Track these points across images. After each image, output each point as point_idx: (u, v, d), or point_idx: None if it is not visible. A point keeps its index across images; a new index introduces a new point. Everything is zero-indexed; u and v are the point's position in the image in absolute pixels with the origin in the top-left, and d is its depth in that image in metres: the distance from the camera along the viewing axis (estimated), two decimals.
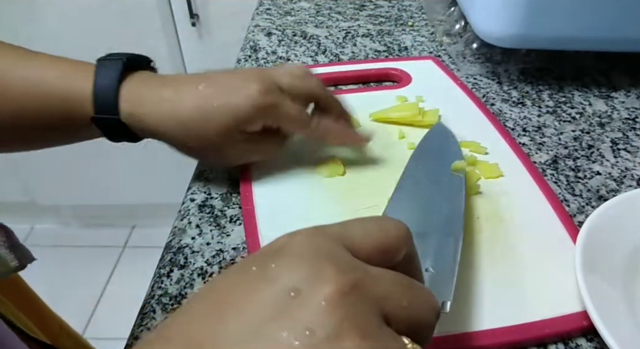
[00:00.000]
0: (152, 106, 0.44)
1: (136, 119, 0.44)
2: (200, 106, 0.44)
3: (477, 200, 0.48)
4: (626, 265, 0.41)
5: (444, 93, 0.63)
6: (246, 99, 0.43)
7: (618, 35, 0.61)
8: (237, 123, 0.44)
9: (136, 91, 0.45)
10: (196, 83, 0.45)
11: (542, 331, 0.37)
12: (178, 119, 0.44)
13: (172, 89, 0.45)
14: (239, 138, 0.45)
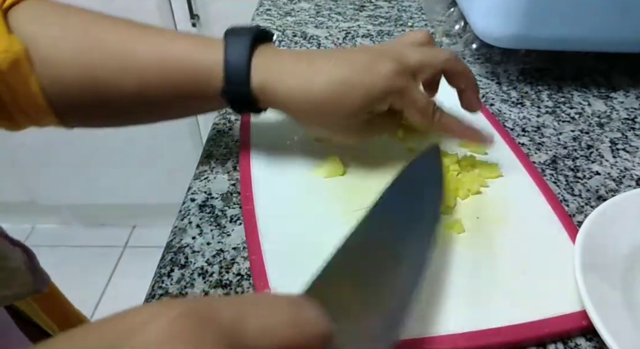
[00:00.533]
0: (284, 79, 0.44)
1: (267, 91, 0.44)
2: (333, 83, 0.43)
3: (476, 200, 0.48)
4: (625, 264, 0.41)
5: (443, 93, 0.63)
6: (380, 79, 0.43)
7: (618, 36, 0.61)
8: (369, 104, 0.44)
9: (268, 63, 0.45)
10: (329, 59, 0.45)
11: (541, 331, 0.37)
12: (310, 95, 0.44)
13: (306, 63, 0.44)
14: (363, 117, 0.45)
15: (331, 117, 0.45)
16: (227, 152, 0.56)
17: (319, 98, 0.44)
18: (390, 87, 0.43)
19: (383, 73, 0.43)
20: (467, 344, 0.36)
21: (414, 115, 0.46)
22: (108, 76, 0.44)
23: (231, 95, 0.45)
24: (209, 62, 0.45)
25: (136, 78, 0.45)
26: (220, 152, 0.56)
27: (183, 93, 0.46)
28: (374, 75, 0.43)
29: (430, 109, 0.46)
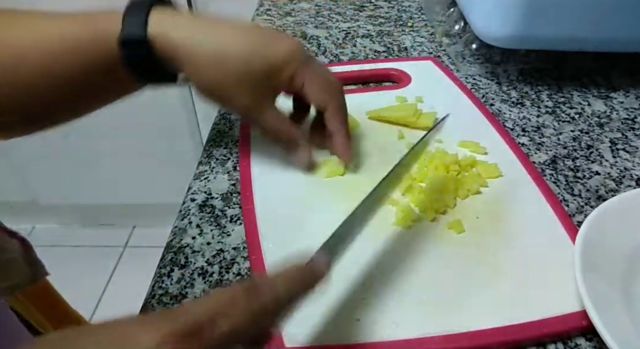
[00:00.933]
0: (184, 28, 0.44)
1: (164, 40, 0.43)
2: (237, 38, 0.44)
3: (476, 199, 0.48)
4: (625, 264, 0.41)
5: (443, 93, 0.63)
6: (286, 45, 0.45)
7: (617, 36, 0.61)
8: (267, 68, 0.45)
9: (169, 16, 0.44)
10: (233, 22, 0.46)
11: (541, 331, 0.37)
12: (209, 46, 0.44)
13: (209, 21, 0.45)
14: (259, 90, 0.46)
15: (228, 74, 0.45)
16: (227, 152, 0.56)
17: (221, 52, 0.44)
18: (293, 56, 0.45)
19: (286, 43, 0.46)
20: (468, 343, 0.36)
21: (313, 88, 0.47)
22: (21, 54, 0.43)
23: (129, 48, 0.43)
24: (109, 20, 0.43)
25: (43, 53, 0.43)
26: (220, 152, 0.56)
27: (87, 59, 0.44)
28: (277, 43, 0.45)
29: (334, 86, 0.48)
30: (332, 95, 0.48)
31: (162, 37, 0.43)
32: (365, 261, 0.42)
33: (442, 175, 0.49)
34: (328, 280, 0.31)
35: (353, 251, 0.42)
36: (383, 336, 0.36)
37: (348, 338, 0.36)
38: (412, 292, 0.39)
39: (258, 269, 0.41)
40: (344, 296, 0.39)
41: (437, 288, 0.40)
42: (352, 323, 0.37)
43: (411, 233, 0.45)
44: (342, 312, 0.38)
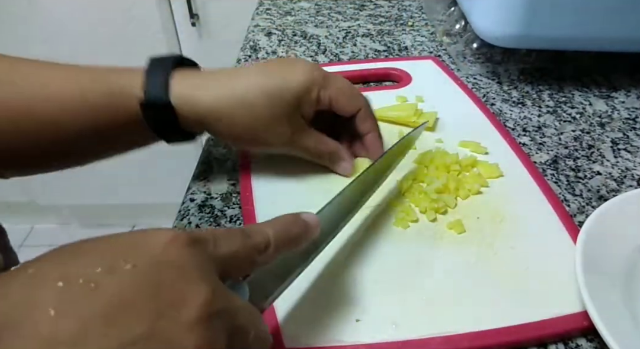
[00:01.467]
0: (204, 86, 0.44)
1: (188, 101, 0.43)
2: (259, 81, 0.45)
3: (477, 199, 0.48)
4: (626, 265, 0.41)
5: (444, 93, 0.63)
6: (300, 73, 0.46)
7: (618, 35, 0.61)
8: (297, 96, 0.45)
9: (189, 76, 0.44)
10: (247, 69, 0.46)
11: (542, 331, 0.37)
12: (232, 95, 0.44)
13: (226, 73, 0.45)
14: (294, 117, 0.46)
15: (259, 115, 0.45)
16: (227, 152, 0.56)
17: (246, 96, 0.44)
18: (314, 78, 0.46)
19: (302, 68, 0.46)
20: (469, 344, 0.36)
21: (341, 101, 0.48)
22: (25, 105, 0.42)
23: (151, 112, 0.43)
24: (128, 81, 0.43)
25: (54, 105, 0.42)
26: (220, 152, 0.56)
27: (102, 116, 0.43)
28: (295, 71, 0.46)
29: (356, 91, 0.49)
30: (359, 100, 0.49)
31: (184, 101, 0.43)
32: (365, 261, 0.42)
33: (442, 175, 0.49)
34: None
35: (353, 251, 0.43)
36: (383, 336, 0.36)
37: (347, 339, 0.36)
38: (412, 293, 0.39)
39: None
40: (343, 296, 0.39)
41: (437, 288, 0.40)
42: (352, 323, 0.37)
43: (411, 233, 0.44)
44: (341, 313, 0.38)
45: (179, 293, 0.23)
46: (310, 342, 0.36)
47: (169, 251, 0.24)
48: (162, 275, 0.23)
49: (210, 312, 0.23)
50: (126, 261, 0.22)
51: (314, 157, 0.49)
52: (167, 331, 0.21)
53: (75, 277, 0.21)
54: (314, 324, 0.37)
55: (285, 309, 0.38)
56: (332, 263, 0.42)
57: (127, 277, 0.22)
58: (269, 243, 0.29)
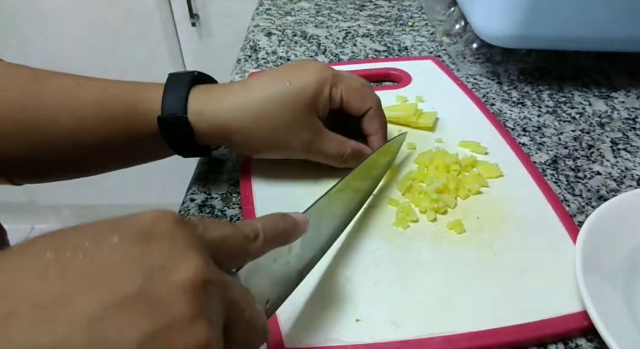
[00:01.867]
0: (220, 100, 0.45)
1: (205, 116, 0.44)
2: (271, 89, 0.45)
3: (477, 199, 0.48)
4: (626, 264, 0.41)
5: (444, 93, 0.63)
6: (312, 74, 0.46)
7: (618, 35, 0.61)
8: (310, 99, 0.45)
9: (205, 92, 0.45)
10: (258, 78, 0.47)
11: (542, 331, 0.37)
12: (252, 104, 0.45)
13: (240, 85, 0.46)
14: (310, 121, 0.46)
15: (278, 123, 0.45)
16: (227, 152, 0.56)
17: (262, 106, 0.45)
18: (324, 77, 0.46)
19: (312, 69, 0.46)
20: (468, 344, 0.36)
21: (354, 99, 0.48)
22: (45, 116, 0.43)
23: (168, 127, 0.44)
24: (146, 96, 0.44)
25: (73, 117, 0.43)
26: (220, 152, 0.56)
27: (119, 129, 0.44)
28: (305, 73, 0.46)
29: (368, 90, 0.49)
30: (370, 98, 0.49)
31: (201, 116, 0.44)
32: (365, 261, 0.42)
33: (442, 175, 0.49)
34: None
35: (353, 251, 0.43)
36: (383, 336, 0.36)
37: (347, 339, 0.36)
38: (412, 292, 0.39)
39: None
40: (343, 296, 0.39)
41: (437, 288, 0.40)
42: (352, 323, 0.37)
43: (411, 233, 0.44)
44: (341, 313, 0.38)
45: (169, 258, 0.22)
46: (311, 342, 0.36)
47: (157, 224, 0.23)
48: (150, 245, 0.22)
49: (205, 278, 0.22)
50: (114, 233, 0.22)
51: (336, 159, 0.49)
52: (157, 293, 0.20)
53: (63, 249, 0.21)
54: (314, 324, 0.37)
55: (286, 309, 0.38)
56: (332, 264, 0.42)
57: (116, 246, 0.21)
58: (257, 234, 0.29)
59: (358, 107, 0.48)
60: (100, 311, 0.19)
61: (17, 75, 0.44)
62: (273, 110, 0.45)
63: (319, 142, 0.47)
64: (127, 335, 0.19)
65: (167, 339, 0.20)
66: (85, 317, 0.19)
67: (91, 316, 0.19)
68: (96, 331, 0.19)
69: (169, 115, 0.44)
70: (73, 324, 0.19)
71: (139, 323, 0.19)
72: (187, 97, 0.44)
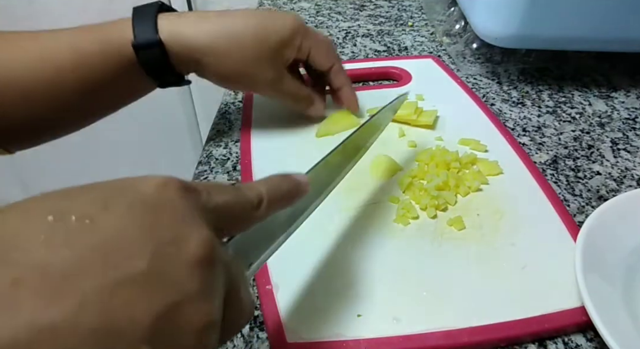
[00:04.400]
0: (194, 23, 0.47)
1: (177, 37, 0.46)
2: (246, 20, 0.48)
3: (477, 196, 0.48)
4: (626, 264, 0.41)
5: (444, 91, 0.63)
6: (288, 21, 0.50)
7: (618, 35, 0.61)
8: (282, 41, 0.49)
9: (176, 17, 0.48)
10: (237, 10, 0.50)
11: (541, 326, 0.37)
12: (223, 31, 0.47)
13: (215, 12, 0.49)
14: (278, 61, 0.50)
15: (247, 54, 0.48)
16: (227, 152, 0.56)
17: (237, 35, 0.48)
18: (297, 27, 0.50)
19: (287, 17, 0.50)
20: (468, 339, 0.36)
21: (321, 53, 0.53)
22: (23, 68, 0.44)
23: (143, 50, 0.46)
24: (117, 29, 0.46)
25: (50, 65, 0.44)
26: (220, 152, 0.56)
27: (97, 68, 0.46)
28: (281, 19, 0.50)
29: (332, 47, 0.54)
30: (334, 55, 0.55)
31: (174, 38, 0.46)
32: (367, 257, 0.42)
33: (442, 173, 0.49)
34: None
35: (354, 247, 0.43)
36: (384, 331, 0.36)
37: (349, 334, 0.36)
38: (413, 288, 0.39)
39: None
40: (345, 292, 0.39)
41: (437, 284, 0.40)
42: (354, 318, 0.37)
43: (412, 230, 0.45)
44: (343, 307, 0.38)
45: (178, 232, 0.21)
46: (312, 337, 0.36)
47: (162, 193, 0.22)
48: (158, 215, 0.21)
49: (212, 255, 0.22)
50: (120, 199, 0.21)
51: (293, 100, 0.55)
52: (168, 269, 0.20)
53: (67, 213, 0.19)
54: (315, 319, 0.37)
55: (288, 304, 0.38)
56: (334, 259, 0.42)
57: (124, 214, 0.20)
58: (262, 199, 0.28)
59: (322, 61, 0.53)
60: (112, 286, 0.18)
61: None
62: (246, 41, 0.48)
63: (281, 82, 0.52)
64: (139, 312, 0.18)
65: (178, 316, 0.20)
66: (97, 292, 0.18)
67: (102, 290, 0.18)
68: (107, 307, 0.18)
69: (142, 39, 0.46)
70: (84, 298, 0.17)
71: (151, 299, 0.19)
72: (155, 21, 0.46)
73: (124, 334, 0.18)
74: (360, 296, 0.39)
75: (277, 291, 0.39)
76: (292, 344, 0.35)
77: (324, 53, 0.53)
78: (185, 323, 0.20)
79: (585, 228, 0.42)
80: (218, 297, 0.22)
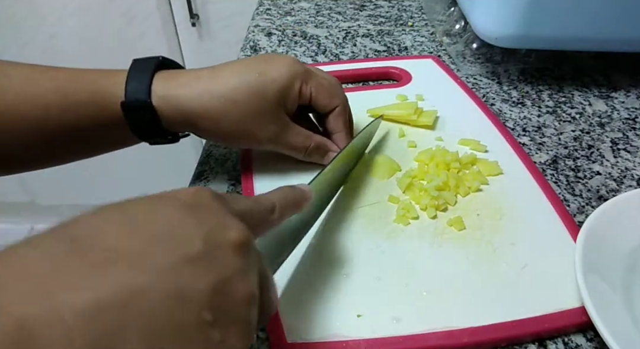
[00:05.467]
0: (187, 84, 0.44)
1: (170, 101, 0.43)
2: (240, 78, 0.45)
3: (477, 197, 0.48)
4: (626, 264, 0.41)
5: (444, 91, 0.63)
6: (283, 67, 0.46)
7: (618, 35, 0.61)
8: (279, 92, 0.45)
9: (171, 77, 0.45)
10: (228, 66, 0.46)
11: (541, 326, 0.37)
12: (218, 92, 0.44)
13: (208, 71, 0.46)
14: (277, 113, 0.46)
15: (245, 112, 0.45)
16: (227, 151, 0.56)
17: (231, 93, 0.44)
18: (296, 72, 0.46)
19: (284, 62, 0.47)
20: (468, 339, 0.36)
21: (322, 96, 0.48)
22: (9, 103, 0.42)
23: (132, 112, 0.44)
24: (110, 82, 0.44)
25: (36, 105, 0.43)
26: (220, 152, 0.56)
27: (85, 117, 0.44)
28: (276, 66, 0.46)
29: (336, 88, 0.49)
30: (338, 97, 0.49)
31: (167, 101, 0.44)
32: (366, 257, 0.42)
33: (442, 173, 0.49)
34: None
35: (354, 247, 0.43)
36: (384, 332, 0.36)
37: (349, 334, 0.36)
38: (413, 288, 0.39)
39: None
40: (344, 292, 0.39)
41: (438, 284, 0.40)
42: (353, 318, 0.37)
43: (412, 230, 0.45)
44: (343, 308, 0.38)
45: (220, 222, 0.26)
46: (312, 337, 0.36)
47: (199, 197, 0.27)
48: (201, 211, 0.26)
49: (249, 241, 0.26)
50: (167, 203, 0.26)
51: (300, 153, 0.49)
52: (217, 251, 0.24)
53: (122, 220, 0.24)
54: (315, 319, 0.37)
55: (288, 304, 0.38)
56: (334, 259, 0.42)
57: (173, 213, 0.25)
58: (274, 206, 0.32)
59: (325, 104, 0.48)
60: (178, 263, 0.23)
61: None
62: (241, 98, 0.44)
63: (285, 135, 0.48)
64: (200, 284, 0.23)
65: (229, 288, 0.24)
66: (168, 267, 0.22)
67: (172, 266, 0.22)
68: (177, 279, 0.22)
69: (132, 99, 0.43)
70: (160, 270, 0.22)
71: (208, 274, 0.23)
72: (150, 81, 0.44)
73: (190, 300, 0.22)
74: (359, 296, 0.39)
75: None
76: (292, 344, 0.36)
77: (326, 95, 0.48)
78: (234, 294, 0.24)
79: (585, 228, 0.42)
80: (255, 277, 0.26)
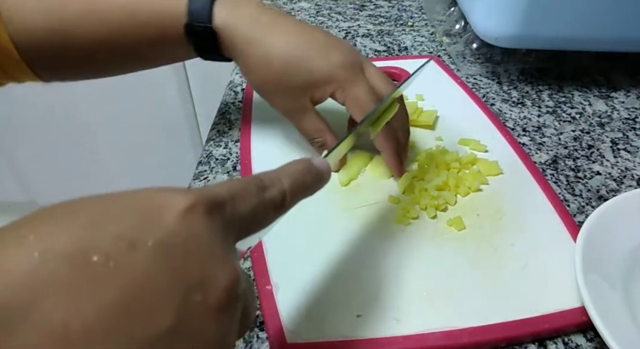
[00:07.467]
0: (245, 25, 0.46)
1: (226, 35, 0.46)
2: (288, 51, 0.46)
3: (477, 197, 0.48)
4: (626, 264, 0.41)
5: (444, 91, 0.63)
6: (327, 65, 0.46)
7: (618, 35, 0.61)
8: (308, 85, 0.47)
9: (232, 7, 0.47)
10: (292, 25, 0.48)
11: (541, 326, 0.37)
12: (263, 52, 0.46)
13: (269, 18, 0.47)
14: (301, 98, 0.48)
15: (273, 83, 0.47)
16: (227, 151, 0.56)
17: (269, 56, 0.46)
18: (333, 76, 0.46)
19: (332, 60, 0.46)
20: (468, 339, 0.36)
21: (353, 111, 0.47)
22: (74, 20, 0.45)
23: (194, 34, 0.46)
24: (173, 4, 0.46)
25: (103, 22, 0.46)
26: (220, 152, 0.56)
27: (149, 34, 0.47)
28: (323, 59, 0.46)
29: (372, 104, 0.47)
30: None
31: (223, 30, 0.46)
32: (367, 257, 0.42)
33: (442, 173, 0.49)
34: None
35: (354, 248, 0.43)
36: (384, 332, 0.36)
37: (349, 334, 0.36)
38: (413, 288, 0.39)
39: (259, 268, 0.41)
40: (345, 292, 0.39)
41: (437, 284, 0.40)
42: (353, 318, 0.37)
43: (412, 230, 0.45)
44: (343, 308, 0.38)
45: (204, 273, 0.20)
46: (312, 337, 0.36)
47: (189, 222, 0.21)
48: (183, 255, 0.20)
49: (234, 296, 0.21)
50: (146, 235, 0.19)
51: (307, 138, 0.52)
52: (193, 321, 0.19)
53: (90, 253, 0.18)
54: (315, 319, 0.37)
55: (288, 304, 0.38)
56: (334, 259, 0.42)
57: (148, 256, 0.19)
58: (285, 197, 0.27)
59: (356, 118, 0.47)
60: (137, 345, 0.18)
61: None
62: (275, 65, 0.46)
63: (299, 117, 0.50)
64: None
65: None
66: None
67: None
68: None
69: (195, 23, 0.46)
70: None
71: None
72: (212, 5, 0.46)
73: None
74: (360, 296, 0.39)
75: (277, 291, 0.39)
76: (292, 344, 0.36)
77: (357, 110, 0.46)
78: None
79: (585, 228, 0.42)
80: (236, 326, 0.22)
